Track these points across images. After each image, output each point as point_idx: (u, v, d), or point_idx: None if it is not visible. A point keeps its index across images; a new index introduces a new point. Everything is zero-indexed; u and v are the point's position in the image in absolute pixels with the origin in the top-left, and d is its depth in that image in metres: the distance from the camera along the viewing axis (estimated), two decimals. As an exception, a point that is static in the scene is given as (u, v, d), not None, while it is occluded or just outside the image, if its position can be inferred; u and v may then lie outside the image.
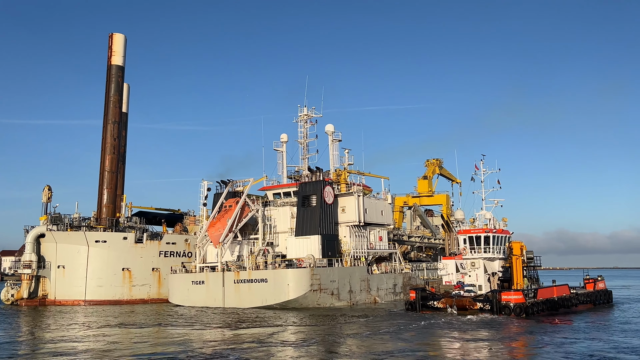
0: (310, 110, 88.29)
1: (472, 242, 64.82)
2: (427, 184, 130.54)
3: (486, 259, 64.86)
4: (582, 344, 38.51)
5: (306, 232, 75.79)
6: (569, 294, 64.92)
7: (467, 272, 64.45)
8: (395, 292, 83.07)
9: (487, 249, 64.41)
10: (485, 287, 63.32)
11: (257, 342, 40.00)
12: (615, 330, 46.22)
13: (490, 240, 64.24)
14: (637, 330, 46.41)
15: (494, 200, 68.38)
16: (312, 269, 69.11)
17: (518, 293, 56.43)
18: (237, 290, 70.60)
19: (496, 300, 56.03)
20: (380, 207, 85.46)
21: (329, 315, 58.95)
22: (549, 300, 59.65)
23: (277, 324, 52.35)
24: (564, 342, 38.99)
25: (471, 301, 57.98)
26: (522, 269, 62.10)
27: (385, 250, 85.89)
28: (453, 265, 65.54)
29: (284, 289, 67.78)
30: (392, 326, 48.62)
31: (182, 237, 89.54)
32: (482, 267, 64.31)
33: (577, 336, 42.08)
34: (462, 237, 65.69)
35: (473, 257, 64.69)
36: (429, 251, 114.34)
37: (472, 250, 64.86)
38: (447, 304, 58.80)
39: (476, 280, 63.82)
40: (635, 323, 51.55)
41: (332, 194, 78.66)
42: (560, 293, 63.42)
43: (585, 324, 49.90)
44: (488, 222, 67.04)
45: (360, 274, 76.69)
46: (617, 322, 52.48)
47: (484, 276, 64.22)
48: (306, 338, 42.61)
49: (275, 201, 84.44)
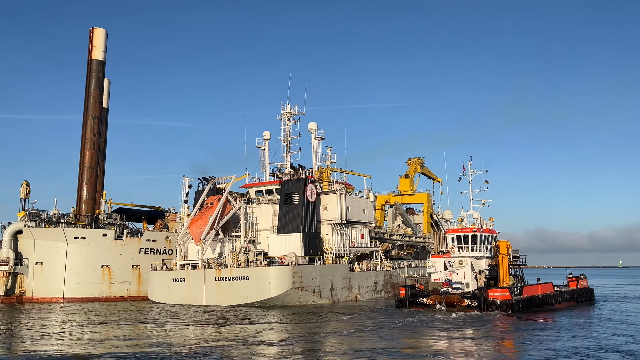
0: (293, 108, 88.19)
1: (460, 241, 66.39)
2: (408, 182, 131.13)
3: (473, 258, 66.40)
4: (565, 341, 39.19)
5: (288, 229, 75.73)
6: (553, 291, 66.95)
7: (455, 270, 65.96)
8: (376, 289, 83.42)
9: (474, 248, 66.03)
10: (472, 285, 64.97)
11: (239, 341, 39.81)
12: (597, 327, 47.28)
13: (477, 239, 65.89)
14: (618, 327, 47.48)
15: (482, 201, 69.95)
16: (293, 266, 69.09)
17: (504, 290, 58.23)
18: (218, 288, 70.29)
19: (483, 297, 57.73)
20: (362, 206, 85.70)
21: (311, 313, 59.07)
22: (534, 298, 61.62)
23: (259, 321, 52.20)
24: (548, 339, 39.73)
25: (459, 298, 59.59)
26: (508, 267, 63.83)
27: (366, 248, 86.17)
28: (442, 264, 66.98)
29: (266, 286, 67.66)
30: (382, 322, 49.68)
31: (163, 234, 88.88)
32: (470, 265, 65.87)
33: (560, 334, 42.90)
34: (451, 236, 67.36)
35: (461, 256, 66.25)
36: (410, 249, 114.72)
37: (460, 249, 66.45)
38: (436, 301, 60.32)
39: (464, 278, 65.35)
40: (616, 320, 52.79)
41: (315, 192, 78.70)
42: (545, 291, 65.47)
43: (569, 322, 51.04)
44: (475, 222, 68.55)
45: (341, 272, 76.86)
46: (598, 319, 53.80)
47: (471, 274, 65.85)
48: (290, 336, 42.58)
49: (257, 199, 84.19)
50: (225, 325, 49.07)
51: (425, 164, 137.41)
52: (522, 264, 67.90)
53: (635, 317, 56.05)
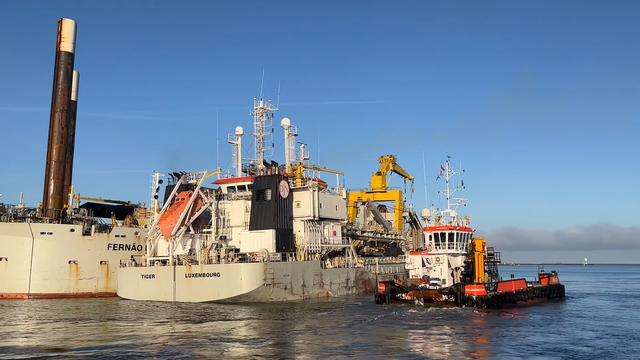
0: (266, 104, 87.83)
1: (437, 239, 68.37)
2: (380, 179, 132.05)
3: (450, 255, 68.40)
4: (538, 337, 40.11)
5: (260, 226, 75.51)
6: (526, 287, 69.44)
7: (432, 266, 67.89)
8: (347, 286, 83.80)
9: (451, 245, 68.04)
10: (449, 281, 66.96)
11: (210, 338, 39.51)
12: (568, 323, 48.71)
13: (454, 237, 67.94)
14: (588, 323, 48.92)
15: (458, 200, 71.88)
16: (265, 263, 68.96)
17: (480, 286, 60.49)
18: (189, 284, 69.76)
19: (460, 293, 59.77)
20: (334, 202, 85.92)
21: (284, 309, 59.01)
22: (508, 294, 64.07)
23: (230, 318, 51.97)
24: (522, 335, 40.73)
25: (437, 294, 61.57)
26: (483, 264, 65.84)
27: (339, 245, 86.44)
28: (419, 260, 68.72)
29: (237, 283, 67.39)
30: (361, 317, 50.95)
31: (132, 230, 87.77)
32: (447, 262, 67.88)
33: (533, 329, 44.02)
34: (428, 234, 69.39)
35: (438, 253, 68.20)
36: (381, 246, 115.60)
37: (437, 246, 68.38)
38: (415, 296, 62.29)
39: (440, 274, 67.32)
40: (586, 316, 54.45)
41: (287, 188, 78.57)
42: (518, 287, 67.96)
43: (541, 317, 52.61)
44: (452, 220, 70.46)
45: (313, 268, 76.99)
46: (569, 315, 55.52)
47: (448, 270, 67.86)
48: (262, 333, 42.42)
49: (229, 195, 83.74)
50: (195, 322, 48.68)
51: (398, 162, 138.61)
52: (497, 261, 70.00)
53: (602, 313, 57.84)
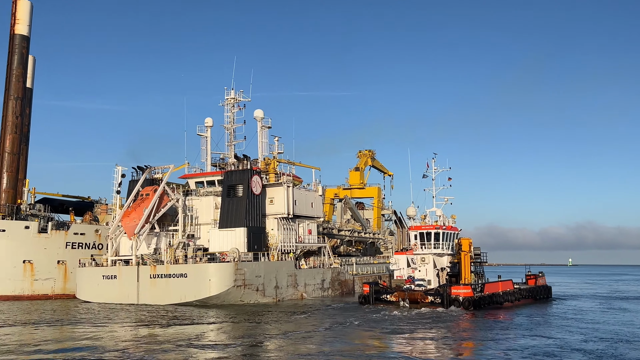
0: (238, 94, 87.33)
1: (422, 238, 69.52)
2: (358, 175, 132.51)
3: (436, 255, 69.60)
4: (525, 340, 40.96)
5: (231, 224, 75.29)
6: (512, 289, 71.41)
7: (418, 267, 69.14)
8: (323, 287, 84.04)
9: (437, 245, 69.18)
10: (434, 282, 68.23)
11: (175, 343, 39.29)
12: (556, 326, 49.84)
13: (440, 236, 69.07)
14: (575, 326, 50.07)
15: (444, 198, 73.09)
16: (236, 263, 68.82)
17: (467, 287, 61.97)
18: (154, 285, 69.30)
19: (446, 294, 61.20)
20: (310, 199, 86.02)
21: (255, 313, 58.95)
22: (495, 295, 65.66)
23: (198, 322, 51.80)
24: (509, 338, 41.64)
25: (423, 295, 62.94)
26: (470, 265, 67.25)
27: (314, 244, 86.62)
28: (405, 261, 69.90)
29: (205, 284, 67.17)
30: (348, 318, 52.21)
31: (93, 228, 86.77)
32: (432, 263, 69.13)
33: (520, 332, 45.04)
34: (414, 233, 70.60)
35: (423, 253, 69.41)
36: (358, 245, 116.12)
37: (423, 246, 69.51)
38: (400, 298, 63.60)
39: (426, 275, 68.58)
40: (573, 319, 55.75)
41: (260, 184, 78.42)
42: (505, 288, 69.93)
43: (529, 320, 53.83)
44: (438, 219, 71.64)
45: (287, 269, 77.04)
46: (556, 317, 56.96)
47: (433, 271, 69.10)
48: (233, 338, 42.29)
49: (197, 190, 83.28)
50: (161, 326, 48.38)
51: (377, 157, 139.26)
52: (483, 262, 71.61)
53: (589, 315, 59.28)
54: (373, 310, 58.72)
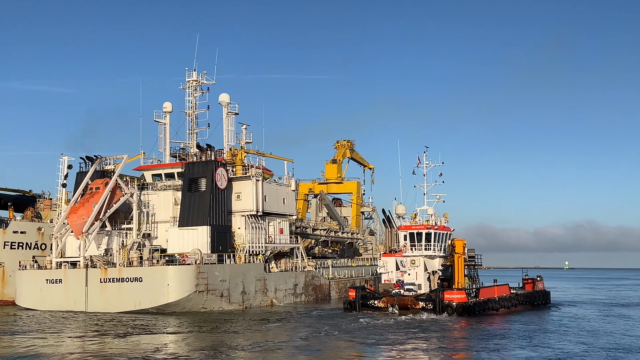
0: (200, 76, 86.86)
1: (412, 239, 70.59)
2: (336, 169, 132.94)
3: (427, 257, 70.67)
4: (522, 351, 41.75)
5: (192, 222, 75.00)
6: (509, 294, 72.61)
7: (407, 270, 70.13)
8: (295, 293, 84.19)
9: (428, 247, 70.30)
10: (425, 286, 69.43)
11: (128, 356, 39.00)
12: (556, 335, 50.75)
13: (431, 237, 70.16)
14: (575, 334, 51.25)
15: (436, 195, 74.18)
16: (198, 266, 68.63)
17: (461, 292, 63.13)
18: (104, 291, 68.83)
19: (439, 300, 62.25)
20: (282, 195, 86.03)
21: (220, 321, 58.92)
22: (491, 300, 66.81)
23: (154, 332, 51.55)
24: (506, 348, 42.52)
25: (413, 300, 64.09)
26: (463, 268, 68.31)
27: (286, 244, 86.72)
28: (393, 263, 70.66)
29: (163, 289, 66.90)
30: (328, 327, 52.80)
31: (34, 225, 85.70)
32: (423, 265, 70.20)
33: (518, 342, 45.79)
34: (403, 234, 71.67)
35: (413, 255, 70.53)
36: (335, 246, 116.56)
37: (413, 247, 70.63)
38: (389, 303, 64.59)
39: (416, 278, 69.58)
40: (573, 327, 56.93)
41: (226, 177, 78.11)
42: (501, 293, 70.91)
43: (528, 328, 54.69)
44: (430, 218, 72.68)
45: (255, 272, 77.03)
46: (557, 326, 57.97)
47: (424, 274, 70.28)
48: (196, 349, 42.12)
49: (154, 184, 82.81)
50: (112, 337, 47.99)
51: (356, 148, 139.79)
52: (478, 265, 72.65)
53: (591, 323, 60.44)
54: (359, 318, 59.37)
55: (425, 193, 73.79)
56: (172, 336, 49.53)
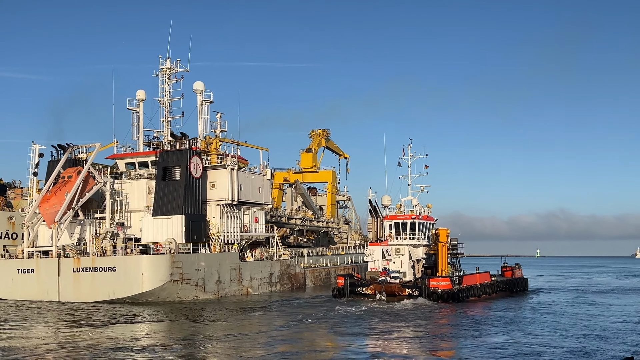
0: (174, 63, 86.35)
1: (397, 228, 73.84)
2: (311, 158, 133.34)
3: (411, 246, 74.21)
4: (506, 336, 43.55)
5: (167, 211, 74.84)
6: (490, 281, 76.99)
7: (392, 258, 73.37)
8: (271, 282, 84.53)
9: (412, 236, 73.65)
10: (409, 274, 73.02)
11: (103, 346, 38.99)
12: (535, 319, 53.72)
13: (415, 226, 73.53)
14: (554, 320, 53.49)
15: (420, 186, 77.14)
16: (172, 255, 68.58)
17: (445, 279, 66.59)
18: (77, 280, 68.48)
19: (425, 287, 65.64)
20: (257, 184, 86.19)
21: (196, 310, 59.07)
22: (473, 287, 70.77)
23: (128, 322, 51.65)
24: (489, 334, 44.40)
25: (400, 287, 67.33)
26: (447, 256, 71.44)
27: (261, 233, 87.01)
28: (379, 252, 73.39)
29: (137, 279, 66.80)
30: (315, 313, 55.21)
31: (5, 214, 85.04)
32: (407, 254, 73.75)
33: (501, 328, 47.75)
34: (388, 223, 74.94)
35: (398, 244, 73.84)
36: (310, 235, 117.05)
37: (398, 236, 73.92)
38: (376, 290, 67.68)
39: (400, 266, 73.02)
40: (552, 313, 59.67)
41: (200, 166, 77.99)
42: (483, 280, 75.35)
43: (508, 314, 57.53)
44: (414, 209, 75.63)
45: (231, 261, 77.20)
46: (535, 311, 60.89)
47: (409, 262, 73.82)
48: (172, 340, 42.20)
49: (128, 173, 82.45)
50: (86, 327, 47.94)
51: (331, 137, 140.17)
52: (460, 253, 76.22)
53: (567, 309, 63.30)
54: (348, 304, 61.91)
55: (409, 184, 76.46)
56: (146, 326, 49.58)
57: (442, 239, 71.19)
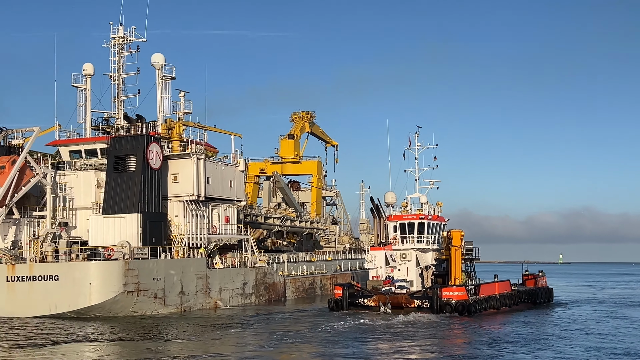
0: (128, 31, 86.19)
1: (403, 230, 74.32)
2: (293, 145, 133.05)
3: (419, 250, 74.80)
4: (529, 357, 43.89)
5: (119, 208, 74.53)
6: (510, 291, 77.87)
7: (397, 265, 73.79)
8: (244, 293, 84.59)
9: (420, 239, 74.11)
10: (417, 283, 73.86)
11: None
12: (565, 337, 54.31)
13: (424, 228, 73.91)
14: (585, 338, 54.30)
15: (430, 181, 77.80)
16: (126, 261, 68.43)
17: (460, 289, 67.39)
18: (12, 291, 68.24)
19: (437, 297, 66.42)
20: (228, 176, 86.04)
21: (156, 326, 58.94)
22: (492, 298, 71.81)
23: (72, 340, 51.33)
24: (509, 354, 44.76)
25: (408, 298, 68.16)
26: (461, 263, 71.49)
27: (233, 235, 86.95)
28: (383, 257, 74.27)
29: (84, 290, 66.58)
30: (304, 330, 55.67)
31: None
32: (415, 260, 74.41)
33: (528, 347, 48.09)
34: (393, 224, 75.63)
35: (404, 248, 74.45)
36: (291, 237, 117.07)
37: (404, 239, 74.47)
38: (380, 302, 68.53)
39: (407, 274, 73.33)
40: (582, 329, 60.09)
41: (160, 154, 77.64)
42: (502, 290, 76.13)
43: (534, 330, 58.38)
44: (421, 207, 76.17)
45: (196, 269, 77.13)
46: (563, 328, 61.50)
47: (416, 270, 74.50)
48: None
49: (72, 162, 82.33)
50: (21, 347, 47.59)
51: (317, 121, 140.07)
52: (475, 258, 76.93)
53: (599, 325, 63.74)
54: (346, 318, 62.28)
55: (416, 179, 77.03)
56: (95, 346, 49.26)
57: (455, 242, 71.03)
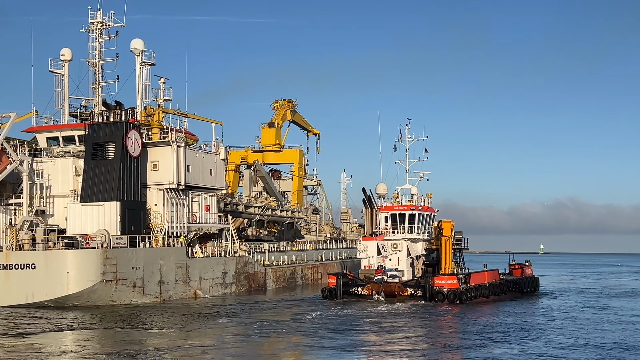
0: (107, 16, 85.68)
1: (394, 221, 76.94)
2: (274, 134, 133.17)
3: (410, 240, 77.54)
4: (523, 346, 44.85)
5: (98, 196, 74.44)
6: (499, 280, 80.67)
7: (389, 255, 76.35)
8: (224, 282, 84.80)
9: (411, 229, 76.90)
10: (408, 273, 76.37)
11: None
12: (552, 325, 56.47)
13: (415, 218, 76.69)
14: (572, 326, 55.74)
15: (420, 173, 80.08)
16: (105, 250, 68.37)
17: (452, 278, 70.03)
18: (-12, 281, 68.07)
19: (429, 286, 69.08)
20: (209, 165, 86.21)
21: (136, 316, 58.78)
22: (482, 286, 74.40)
23: (51, 329, 51.46)
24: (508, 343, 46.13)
25: (400, 287, 70.96)
26: (451, 252, 74.06)
27: (213, 224, 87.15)
28: (375, 247, 76.20)
29: (62, 279, 66.55)
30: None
31: None
32: (405, 250, 76.91)
33: (520, 336, 49.56)
34: (384, 215, 78.25)
35: (395, 238, 77.00)
36: (272, 227, 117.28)
37: (395, 230, 77.15)
38: (374, 291, 70.93)
39: (398, 263, 76.00)
40: (567, 317, 62.49)
41: (139, 142, 77.53)
42: (492, 279, 79.04)
43: (523, 319, 60.71)
44: (412, 198, 78.44)
45: (176, 258, 77.23)
46: (550, 316, 63.34)
47: (407, 260, 77.03)
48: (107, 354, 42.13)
49: (50, 149, 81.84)
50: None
51: (298, 109, 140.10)
52: (464, 248, 78.90)
53: (584, 314, 65.66)
54: (341, 307, 64.58)
55: (407, 170, 79.06)
56: (72, 336, 49.39)
57: (445, 233, 73.14)
